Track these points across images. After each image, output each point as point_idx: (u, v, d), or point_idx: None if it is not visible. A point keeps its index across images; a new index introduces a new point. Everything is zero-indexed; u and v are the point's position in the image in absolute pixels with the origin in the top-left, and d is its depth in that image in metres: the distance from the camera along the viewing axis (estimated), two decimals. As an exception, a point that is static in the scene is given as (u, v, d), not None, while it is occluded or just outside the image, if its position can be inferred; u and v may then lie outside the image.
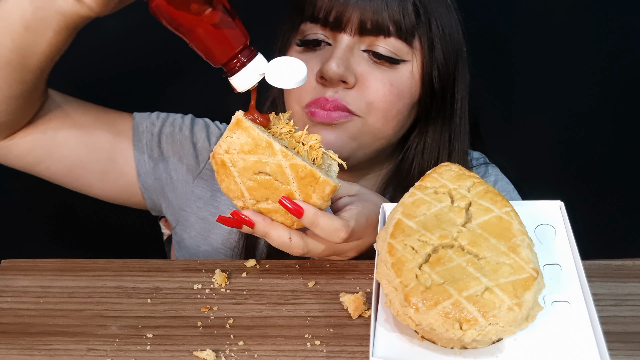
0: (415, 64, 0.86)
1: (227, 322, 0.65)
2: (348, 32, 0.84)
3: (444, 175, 0.64)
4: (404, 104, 0.87)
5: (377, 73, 0.84)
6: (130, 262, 0.74)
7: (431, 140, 0.92)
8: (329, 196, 0.67)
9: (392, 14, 0.83)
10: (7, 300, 0.69)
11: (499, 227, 0.58)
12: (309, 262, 0.73)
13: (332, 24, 0.84)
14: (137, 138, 0.94)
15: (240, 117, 0.66)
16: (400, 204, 0.62)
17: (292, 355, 0.61)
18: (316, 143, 0.69)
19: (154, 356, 0.61)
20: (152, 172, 0.94)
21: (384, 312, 0.59)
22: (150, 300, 0.68)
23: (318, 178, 0.66)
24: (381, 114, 0.85)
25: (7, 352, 0.62)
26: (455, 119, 0.92)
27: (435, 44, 0.86)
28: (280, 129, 0.69)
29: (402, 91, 0.86)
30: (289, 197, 0.67)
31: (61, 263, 0.74)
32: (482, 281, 0.54)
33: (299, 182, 0.66)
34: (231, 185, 0.69)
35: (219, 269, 0.71)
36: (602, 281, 0.67)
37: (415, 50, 0.86)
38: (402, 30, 0.83)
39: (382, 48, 0.84)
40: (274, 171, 0.66)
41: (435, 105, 0.89)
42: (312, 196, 0.67)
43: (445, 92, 0.90)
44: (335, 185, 0.67)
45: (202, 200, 0.96)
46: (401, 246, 0.57)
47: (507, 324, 0.52)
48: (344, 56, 0.83)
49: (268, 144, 0.66)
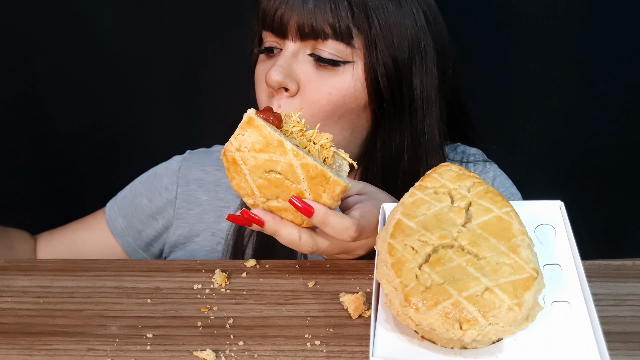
0: (359, 65, 0.86)
1: (227, 322, 0.65)
2: (290, 38, 0.85)
3: (444, 175, 0.64)
4: (347, 109, 0.87)
5: (318, 81, 0.85)
6: (130, 262, 0.74)
7: (395, 141, 0.90)
8: (339, 196, 0.68)
9: (326, 17, 0.83)
10: (7, 300, 0.69)
11: (499, 227, 0.58)
12: (309, 262, 0.73)
13: (277, 30, 0.86)
14: (113, 226, 1.03)
15: (252, 116, 0.66)
16: (400, 204, 0.62)
17: (292, 355, 0.61)
18: (327, 142, 0.69)
19: (154, 356, 0.61)
20: (137, 244, 1.03)
21: (384, 312, 0.59)
22: (150, 300, 0.68)
23: (329, 178, 0.66)
24: (324, 123, 0.86)
25: (7, 352, 0.62)
26: (417, 116, 0.89)
27: (378, 42, 0.85)
28: (292, 128, 0.69)
29: (344, 97, 0.86)
30: (299, 196, 0.67)
31: (61, 263, 0.74)
32: (482, 281, 0.54)
33: (310, 182, 0.67)
34: (242, 183, 0.69)
35: (219, 269, 0.71)
36: (602, 281, 0.67)
37: (357, 50, 0.85)
38: (338, 32, 0.84)
39: (323, 52, 0.85)
40: (284, 170, 0.67)
41: (388, 104, 0.88)
42: (323, 195, 0.67)
43: (398, 89, 0.88)
44: (346, 185, 0.67)
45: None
46: (401, 246, 0.57)
47: (507, 324, 0.52)
48: (285, 63, 0.85)
49: (279, 143, 0.66)
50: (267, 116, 0.68)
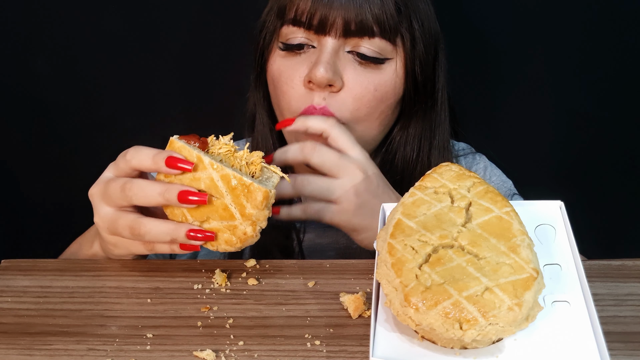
0: (399, 61, 0.87)
1: (227, 322, 0.65)
2: (332, 35, 0.84)
3: (444, 175, 0.64)
4: (387, 105, 0.88)
5: (362, 78, 0.85)
6: (130, 262, 0.74)
7: (414, 131, 0.93)
8: (263, 204, 0.66)
9: (376, 14, 0.83)
10: (7, 300, 0.69)
11: (499, 227, 0.58)
12: (309, 262, 0.73)
13: (316, 27, 0.84)
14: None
15: (173, 139, 0.67)
16: (400, 204, 0.62)
17: (292, 355, 0.61)
18: (257, 159, 0.68)
19: (154, 356, 0.61)
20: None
21: (384, 312, 0.59)
22: (150, 300, 0.68)
23: (248, 185, 0.65)
24: (365, 119, 0.87)
25: (7, 352, 0.62)
26: (436, 108, 0.94)
27: (417, 38, 0.87)
28: (219, 150, 0.68)
29: (386, 93, 0.87)
30: (225, 211, 0.66)
31: (61, 263, 0.74)
32: (482, 281, 0.54)
33: (232, 193, 0.66)
34: (175, 210, 0.69)
35: (219, 269, 0.71)
36: (602, 281, 0.67)
37: (398, 48, 0.87)
38: (386, 30, 0.84)
39: (366, 49, 0.85)
40: (208, 186, 0.66)
41: (418, 98, 0.91)
42: (247, 206, 0.66)
43: (427, 83, 0.91)
44: (267, 190, 0.65)
45: None
46: (401, 246, 0.57)
47: (507, 324, 0.52)
48: (331, 60, 0.84)
49: (199, 159, 0.65)
50: (189, 140, 0.68)
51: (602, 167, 1.27)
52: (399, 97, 0.89)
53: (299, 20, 0.84)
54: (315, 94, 0.85)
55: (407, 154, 0.93)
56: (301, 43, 0.86)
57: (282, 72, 0.88)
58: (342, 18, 0.82)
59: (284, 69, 0.87)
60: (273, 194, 0.67)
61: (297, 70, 0.86)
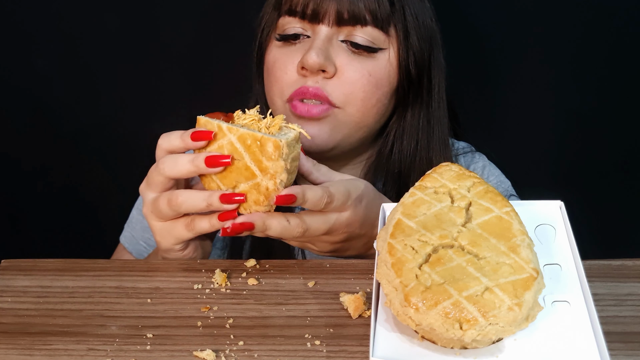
0: (392, 52, 0.89)
1: (227, 322, 0.65)
2: (326, 23, 0.86)
3: (444, 175, 0.64)
4: (382, 92, 0.89)
5: (356, 63, 0.86)
6: (130, 262, 0.74)
7: (410, 125, 0.94)
8: (276, 154, 0.66)
9: (368, 4, 0.85)
10: (7, 300, 0.69)
11: (499, 227, 0.58)
12: (309, 262, 0.74)
13: (310, 16, 0.86)
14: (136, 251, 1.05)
15: (199, 116, 0.70)
16: (400, 203, 0.62)
17: (292, 355, 0.61)
18: (278, 120, 0.69)
19: (154, 356, 0.61)
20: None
21: (384, 312, 0.59)
22: (150, 300, 0.68)
23: (260, 138, 0.66)
24: (360, 103, 0.87)
25: (7, 352, 0.62)
26: (432, 104, 0.94)
27: (410, 30, 0.89)
28: (243, 120, 0.70)
29: (381, 80, 0.88)
30: (248, 171, 0.67)
31: (61, 263, 0.74)
32: (482, 281, 0.54)
33: (249, 151, 0.67)
34: (211, 184, 0.71)
35: (219, 269, 0.71)
36: (602, 281, 0.67)
37: (391, 38, 0.88)
38: (378, 19, 0.86)
39: (359, 37, 0.86)
40: (230, 151, 0.68)
41: (412, 91, 0.92)
42: (262, 160, 0.67)
43: (422, 77, 0.92)
44: (276, 140, 0.66)
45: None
46: (401, 246, 0.57)
47: (507, 324, 0.52)
48: (324, 46, 0.85)
49: (219, 128, 0.68)
50: (214, 115, 0.70)
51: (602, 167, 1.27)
52: (394, 87, 0.90)
53: (293, 10, 0.87)
54: (309, 80, 0.86)
55: (404, 148, 0.94)
56: (296, 33, 0.88)
57: (276, 60, 0.90)
58: (335, 7, 0.85)
59: (279, 57, 0.90)
60: (285, 144, 0.66)
61: (291, 58, 0.88)
